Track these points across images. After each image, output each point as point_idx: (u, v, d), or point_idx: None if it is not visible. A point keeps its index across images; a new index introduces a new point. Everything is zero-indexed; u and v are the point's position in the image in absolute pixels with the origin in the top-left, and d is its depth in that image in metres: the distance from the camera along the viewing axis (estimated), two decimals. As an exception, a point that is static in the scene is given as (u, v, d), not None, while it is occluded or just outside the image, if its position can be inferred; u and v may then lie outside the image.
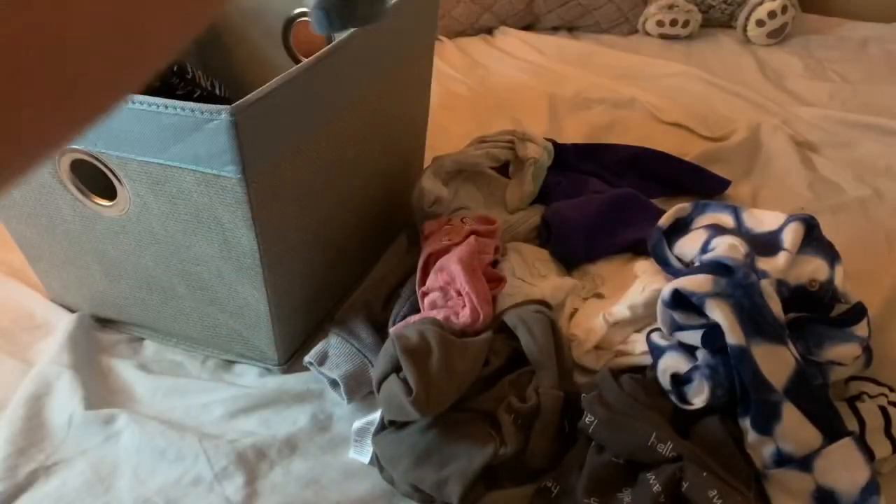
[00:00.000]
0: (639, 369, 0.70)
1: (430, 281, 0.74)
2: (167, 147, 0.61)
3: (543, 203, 0.94)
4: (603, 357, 0.71)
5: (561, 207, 0.89)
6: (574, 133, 1.19)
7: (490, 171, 0.97)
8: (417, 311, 0.77)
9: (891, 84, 1.33)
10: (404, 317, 0.77)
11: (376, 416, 0.67)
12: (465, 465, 0.60)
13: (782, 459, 0.61)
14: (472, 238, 0.78)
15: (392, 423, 0.65)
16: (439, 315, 0.71)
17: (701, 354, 0.65)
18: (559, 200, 0.92)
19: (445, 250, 0.77)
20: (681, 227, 0.79)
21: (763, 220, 0.76)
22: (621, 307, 0.73)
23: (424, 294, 0.74)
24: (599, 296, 0.79)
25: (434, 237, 0.80)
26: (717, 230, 0.74)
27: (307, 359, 0.75)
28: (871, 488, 0.59)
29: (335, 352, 0.75)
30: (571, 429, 0.67)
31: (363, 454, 0.67)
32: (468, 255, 0.74)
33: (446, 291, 0.73)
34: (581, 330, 0.73)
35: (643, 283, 0.75)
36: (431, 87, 0.98)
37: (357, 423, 0.68)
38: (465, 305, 0.70)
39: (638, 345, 0.71)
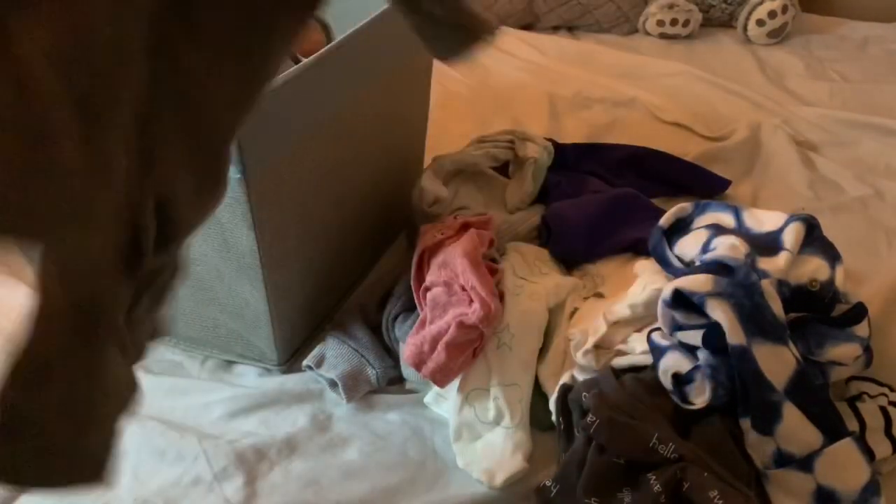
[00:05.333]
0: (638, 369, 0.70)
1: (433, 275, 0.74)
2: (167, 147, 0.61)
3: (543, 203, 0.94)
4: (603, 356, 0.71)
5: (561, 207, 0.89)
6: (574, 133, 1.19)
7: (490, 171, 0.97)
8: (411, 309, 0.77)
9: (891, 84, 1.33)
10: (397, 316, 0.77)
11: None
12: None
13: (783, 459, 0.61)
14: (473, 231, 0.77)
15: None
16: (447, 315, 0.70)
17: (702, 354, 0.65)
18: (559, 200, 0.92)
19: (439, 244, 0.77)
20: (681, 226, 0.79)
21: (764, 220, 0.76)
22: (621, 306, 0.72)
23: (426, 290, 0.74)
24: (599, 295, 0.79)
25: (428, 234, 0.79)
26: (718, 230, 0.74)
27: (305, 362, 0.75)
28: (872, 488, 0.59)
29: (332, 353, 0.75)
30: (569, 426, 0.67)
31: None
32: (473, 249, 0.74)
33: (450, 286, 0.72)
34: (581, 329, 0.72)
35: (643, 283, 0.74)
36: (431, 87, 0.98)
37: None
38: (472, 301, 0.70)
39: (638, 344, 0.71)
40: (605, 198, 0.90)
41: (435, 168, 0.91)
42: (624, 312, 0.72)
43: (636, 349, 0.71)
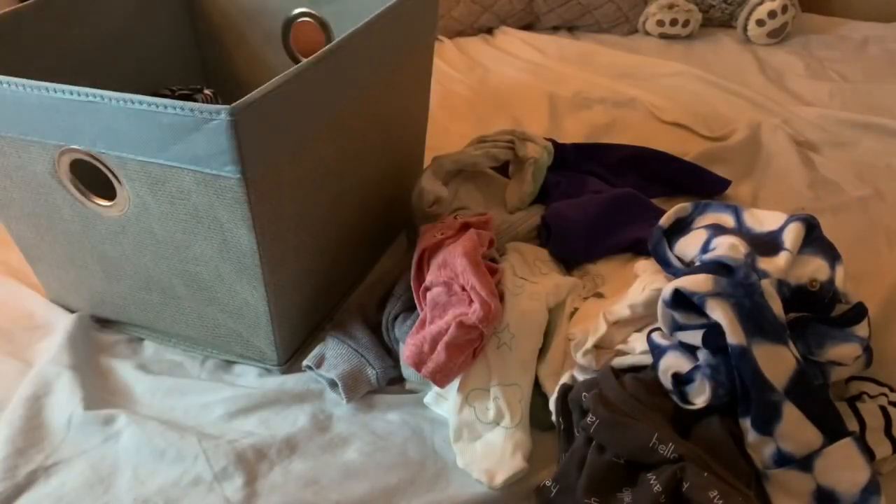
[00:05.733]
0: (638, 369, 0.70)
1: (433, 275, 0.74)
2: (166, 147, 0.61)
3: (543, 203, 0.94)
4: (603, 356, 0.71)
5: (561, 207, 0.89)
6: (574, 133, 1.19)
7: (490, 170, 0.97)
8: (411, 309, 0.77)
9: (891, 84, 1.33)
10: (396, 316, 0.77)
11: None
12: None
13: (783, 459, 0.61)
14: (472, 231, 0.77)
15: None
16: (447, 315, 0.70)
17: (702, 354, 0.65)
18: (559, 200, 0.92)
19: (438, 244, 0.77)
20: (681, 226, 0.79)
21: (764, 220, 0.76)
22: (621, 306, 0.72)
23: (426, 290, 0.74)
24: (599, 295, 0.79)
25: (428, 234, 0.79)
26: (718, 230, 0.74)
27: (305, 362, 0.75)
28: (872, 488, 0.59)
29: (332, 353, 0.75)
30: (569, 426, 0.67)
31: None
32: (472, 249, 0.74)
33: (450, 286, 0.72)
34: (581, 329, 0.72)
35: (643, 283, 0.74)
36: (431, 87, 0.98)
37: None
38: (471, 301, 0.70)
39: (638, 344, 0.71)
40: (605, 198, 0.90)
41: (434, 168, 0.91)
42: (624, 312, 0.72)
43: (636, 349, 0.71)
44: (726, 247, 0.69)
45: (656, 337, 0.69)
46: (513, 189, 0.95)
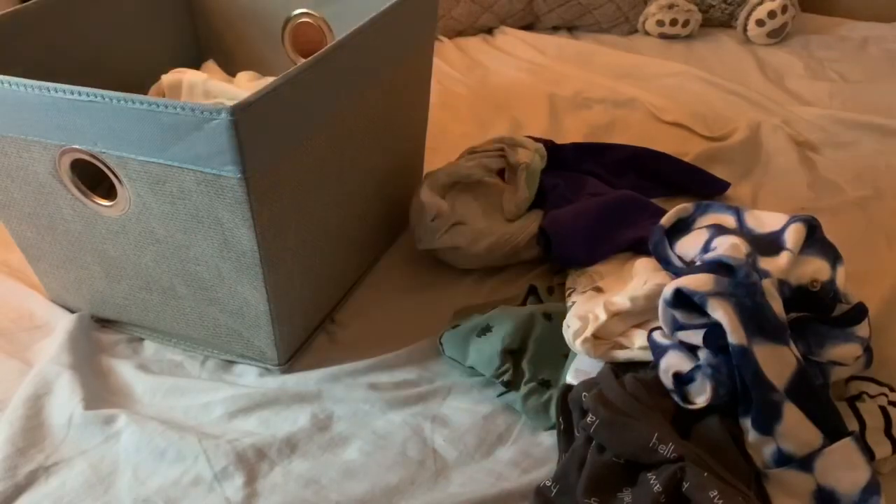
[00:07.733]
0: (636, 365, 0.70)
1: None
2: (167, 147, 0.61)
3: (542, 205, 0.93)
4: (601, 346, 0.71)
5: (559, 215, 0.88)
6: (574, 133, 1.19)
7: (486, 179, 0.96)
8: None
9: (891, 84, 1.33)
10: None
11: None
12: None
13: (783, 459, 0.61)
14: None
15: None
16: None
17: (703, 354, 0.65)
18: (557, 202, 0.91)
19: None
20: (682, 226, 0.79)
21: (765, 220, 0.76)
22: (622, 297, 0.72)
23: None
24: (598, 290, 0.79)
25: None
26: (719, 230, 0.74)
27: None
28: (872, 488, 0.59)
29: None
30: (569, 426, 0.67)
31: None
32: None
33: None
34: (580, 317, 0.72)
35: (644, 278, 0.75)
36: (431, 87, 0.98)
37: None
38: None
39: (637, 339, 0.71)
40: (604, 202, 0.90)
41: (430, 182, 0.90)
42: (625, 304, 0.71)
43: (635, 343, 0.71)
44: (727, 246, 0.69)
45: (657, 336, 0.69)
46: (508, 197, 0.93)
